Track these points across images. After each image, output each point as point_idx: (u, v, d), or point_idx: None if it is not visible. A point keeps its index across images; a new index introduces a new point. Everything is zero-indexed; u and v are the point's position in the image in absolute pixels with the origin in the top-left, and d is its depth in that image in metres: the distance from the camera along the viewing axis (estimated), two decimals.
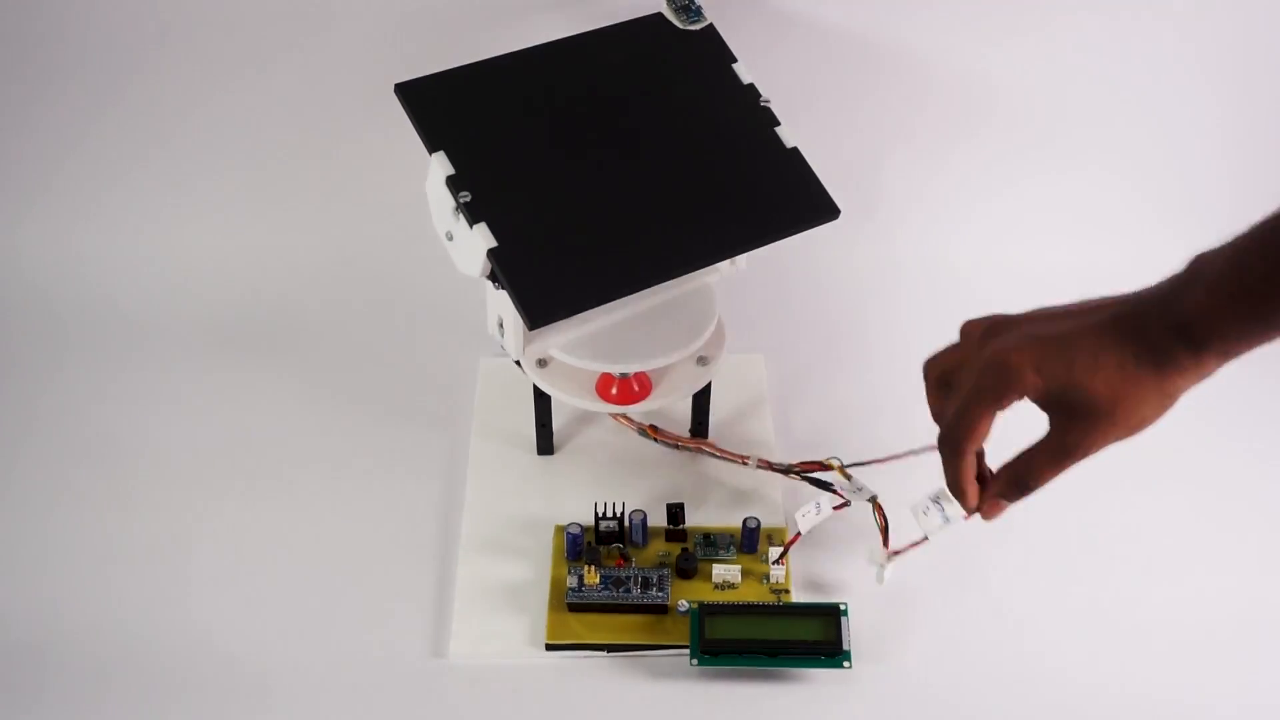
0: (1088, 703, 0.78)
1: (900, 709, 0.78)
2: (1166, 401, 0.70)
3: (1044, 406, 0.72)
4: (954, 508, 0.78)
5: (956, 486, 0.76)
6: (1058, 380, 0.70)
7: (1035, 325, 0.73)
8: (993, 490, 0.76)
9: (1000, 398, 0.72)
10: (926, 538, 0.80)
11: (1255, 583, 0.85)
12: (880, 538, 0.82)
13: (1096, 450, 0.72)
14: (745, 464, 0.90)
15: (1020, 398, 0.72)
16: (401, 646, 0.81)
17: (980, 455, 0.77)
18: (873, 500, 0.82)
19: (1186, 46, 1.03)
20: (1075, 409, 0.71)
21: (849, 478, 0.84)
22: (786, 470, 0.88)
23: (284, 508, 0.90)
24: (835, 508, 0.83)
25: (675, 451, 0.92)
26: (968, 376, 0.73)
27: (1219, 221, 0.68)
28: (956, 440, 0.74)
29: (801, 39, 1.02)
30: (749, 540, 0.85)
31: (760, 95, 0.84)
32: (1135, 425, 0.71)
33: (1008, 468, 0.75)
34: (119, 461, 0.93)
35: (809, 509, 0.82)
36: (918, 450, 0.80)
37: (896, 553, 0.82)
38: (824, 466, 0.86)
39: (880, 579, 0.82)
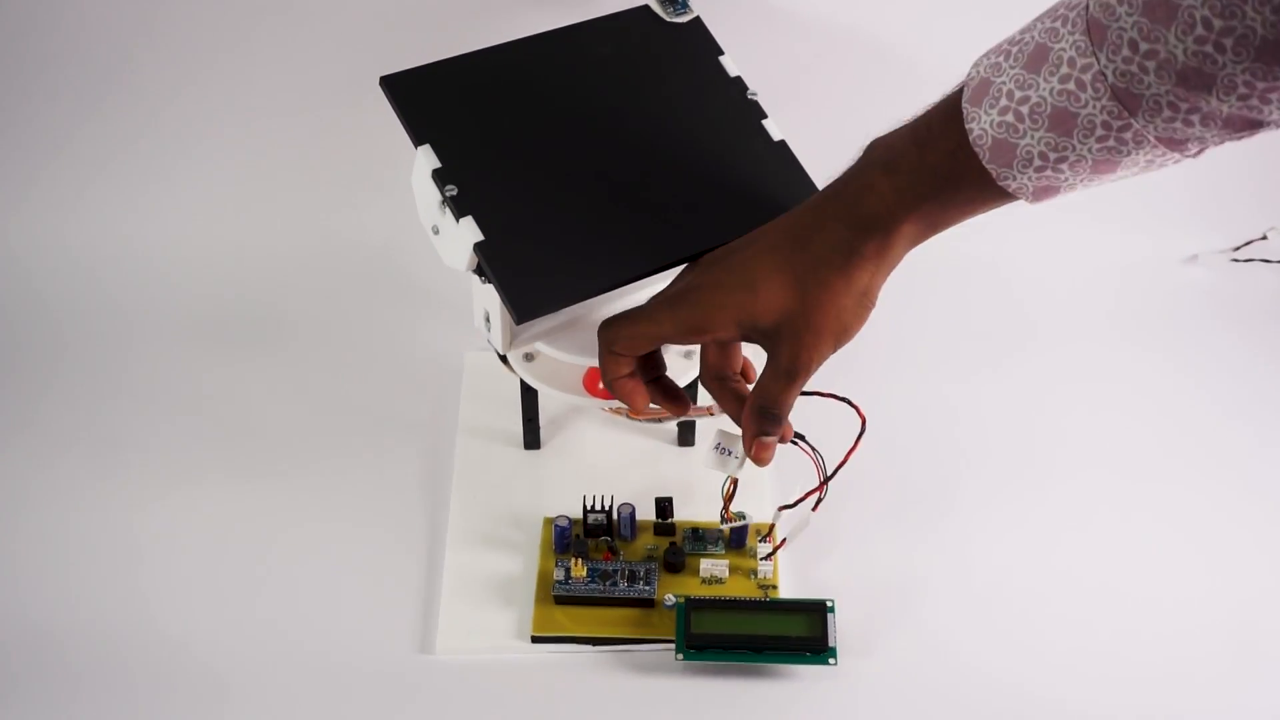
0: (1074, 700, 0.78)
1: (886, 706, 0.78)
2: (864, 299, 0.70)
3: (753, 341, 0.72)
4: (737, 445, 0.77)
5: (608, 386, 0.76)
6: (747, 314, 0.70)
7: (715, 266, 0.73)
8: (750, 431, 0.74)
9: (690, 337, 0.73)
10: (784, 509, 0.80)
11: (1253, 579, 0.85)
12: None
13: (819, 362, 0.71)
14: (712, 415, 0.87)
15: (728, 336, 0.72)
16: (388, 641, 0.81)
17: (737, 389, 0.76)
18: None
19: None
20: (773, 334, 0.71)
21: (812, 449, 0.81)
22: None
23: (270, 502, 0.90)
24: (813, 508, 0.81)
25: (665, 446, 0.92)
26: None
27: (1232, 218, 0.67)
28: (611, 341, 0.75)
29: (788, 31, 1.02)
30: (737, 536, 0.85)
31: (747, 88, 0.84)
32: (839, 330, 0.70)
33: (749, 406, 0.74)
34: (102, 455, 0.93)
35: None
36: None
37: (786, 507, 0.81)
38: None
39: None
